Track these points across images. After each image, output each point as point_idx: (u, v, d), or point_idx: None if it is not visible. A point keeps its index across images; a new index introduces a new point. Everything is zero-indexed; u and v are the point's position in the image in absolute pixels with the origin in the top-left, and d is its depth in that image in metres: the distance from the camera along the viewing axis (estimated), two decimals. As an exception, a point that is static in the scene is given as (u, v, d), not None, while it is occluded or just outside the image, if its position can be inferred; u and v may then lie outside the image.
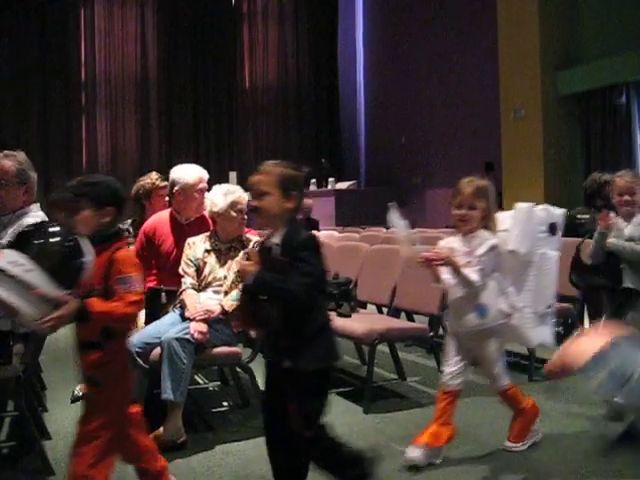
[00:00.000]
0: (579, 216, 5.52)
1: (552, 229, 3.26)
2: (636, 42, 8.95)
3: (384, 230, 9.04)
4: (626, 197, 3.72)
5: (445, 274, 3.11)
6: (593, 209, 5.52)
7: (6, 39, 12.72)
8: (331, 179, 12.75)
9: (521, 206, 3.23)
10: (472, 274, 3.00)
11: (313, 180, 12.97)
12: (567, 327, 5.49)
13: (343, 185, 12.65)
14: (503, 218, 3.23)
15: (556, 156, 9.92)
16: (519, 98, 10.41)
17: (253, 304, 2.48)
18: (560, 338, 5.46)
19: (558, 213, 3.35)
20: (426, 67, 13.30)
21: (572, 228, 5.44)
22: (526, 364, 4.75)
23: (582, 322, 5.10)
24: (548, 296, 3.26)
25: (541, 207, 3.32)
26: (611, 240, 3.63)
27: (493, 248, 3.05)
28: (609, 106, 9.92)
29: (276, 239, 2.49)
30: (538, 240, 3.20)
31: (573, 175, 9.80)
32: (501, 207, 10.70)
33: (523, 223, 3.18)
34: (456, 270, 3.02)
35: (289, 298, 2.37)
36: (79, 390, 4.27)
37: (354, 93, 15.92)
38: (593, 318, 5.21)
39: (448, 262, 3.04)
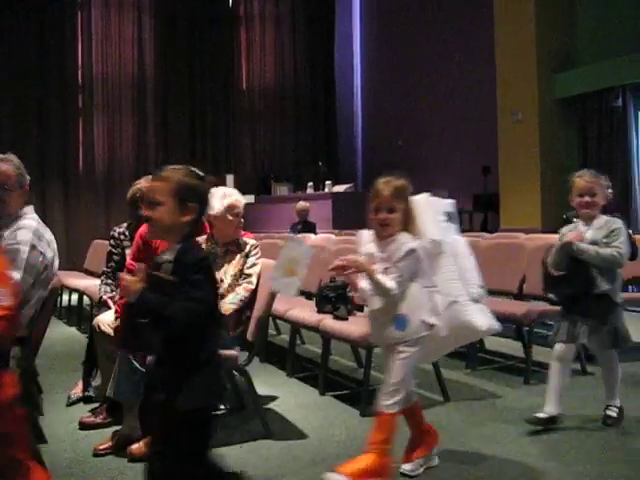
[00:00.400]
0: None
1: (450, 217, 3.09)
2: (632, 45, 9.00)
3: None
4: (586, 198, 3.57)
5: (363, 283, 2.91)
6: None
7: (4, 42, 12.70)
8: (328, 182, 12.75)
9: (419, 198, 3.04)
10: (388, 282, 2.79)
11: (310, 183, 12.97)
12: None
13: (340, 188, 12.65)
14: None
15: (553, 159, 9.95)
16: (516, 101, 10.45)
17: (134, 325, 2.23)
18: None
19: (448, 202, 3.15)
20: (423, 70, 13.32)
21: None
22: (522, 367, 4.76)
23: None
24: (474, 277, 3.07)
25: (432, 199, 3.14)
26: (580, 245, 3.49)
27: (412, 252, 2.84)
28: (605, 109, 9.96)
29: (168, 255, 2.25)
30: (442, 229, 3.05)
31: (570, 178, 9.80)
32: (497, 210, 10.77)
33: (429, 212, 3.01)
34: (371, 278, 2.82)
35: (167, 325, 2.13)
36: (74, 394, 4.28)
37: (351, 96, 15.93)
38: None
39: (361, 269, 2.85)
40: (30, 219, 3.28)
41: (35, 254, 3.16)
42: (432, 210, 3.03)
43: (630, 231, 5.47)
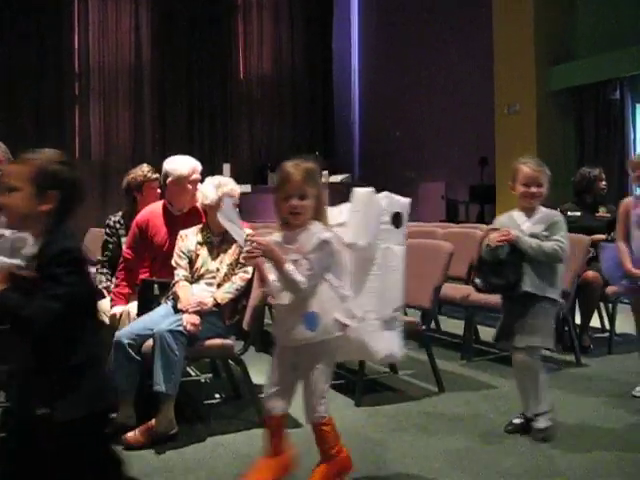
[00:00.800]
0: (570, 214, 5.47)
1: (396, 220, 2.82)
2: (630, 38, 8.98)
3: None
4: (533, 189, 3.32)
5: (272, 275, 2.60)
6: (582, 206, 5.51)
7: (0, 30, 12.61)
8: (325, 172, 12.73)
9: (359, 191, 2.76)
10: (297, 274, 2.50)
11: (307, 173, 12.93)
12: (558, 322, 5.52)
13: (337, 178, 12.62)
14: (339, 211, 2.79)
15: (549, 151, 9.93)
16: (513, 93, 10.43)
17: None
18: (556, 334, 5.53)
19: (403, 202, 2.90)
20: (421, 60, 13.29)
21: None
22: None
23: (573, 317, 5.13)
24: (395, 298, 2.83)
25: (383, 194, 2.86)
26: (523, 239, 3.25)
27: (325, 243, 2.55)
28: (603, 101, 9.96)
29: (31, 249, 2.00)
30: (380, 232, 2.76)
31: (566, 170, 9.82)
32: (494, 201, 10.77)
33: (363, 211, 2.72)
34: (279, 268, 2.52)
35: (26, 327, 1.92)
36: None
37: (348, 86, 15.89)
38: (584, 313, 5.24)
39: (269, 256, 2.53)
40: None
41: None
42: (372, 209, 2.74)
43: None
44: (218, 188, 3.69)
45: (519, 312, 3.29)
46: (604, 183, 5.58)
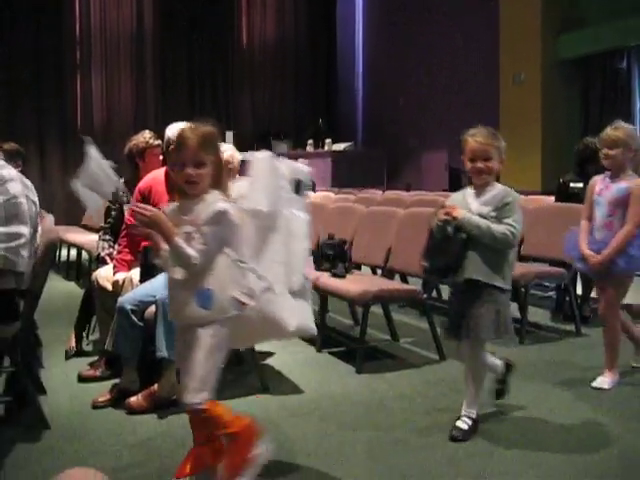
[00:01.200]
0: (572, 185, 5.42)
1: (298, 187, 2.62)
2: (638, 7, 8.85)
3: (380, 192, 9.03)
4: (479, 164, 2.97)
5: (165, 245, 2.36)
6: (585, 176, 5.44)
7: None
8: (328, 140, 12.68)
9: (259, 156, 2.56)
10: (188, 249, 2.29)
11: (310, 141, 12.89)
12: (560, 291, 5.54)
13: (340, 146, 12.58)
14: (241, 184, 2.60)
15: (554, 121, 9.88)
16: (519, 62, 10.33)
17: None
18: (555, 304, 5.54)
19: (304, 169, 2.71)
20: (426, 29, 13.13)
21: (565, 197, 5.41)
22: (517, 327, 4.79)
23: (575, 286, 5.14)
24: (302, 266, 2.60)
25: (283, 160, 2.67)
26: (469, 219, 2.92)
27: (221, 214, 2.33)
28: (610, 71, 9.86)
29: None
30: (282, 199, 2.53)
31: (571, 140, 9.77)
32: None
33: (263, 176, 2.51)
34: (167, 241, 2.31)
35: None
36: (72, 348, 4.31)
37: (352, 53, 15.73)
38: (585, 283, 5.25)
39: (155, 228, 2.33)
40: (8, 168, 3.12)
41: (29, 204, 3.09)
42: (272, 174, 2.53)
43: None
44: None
45: (464, 302, 3.00)
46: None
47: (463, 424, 3.04)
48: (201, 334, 2.34)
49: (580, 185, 5.38)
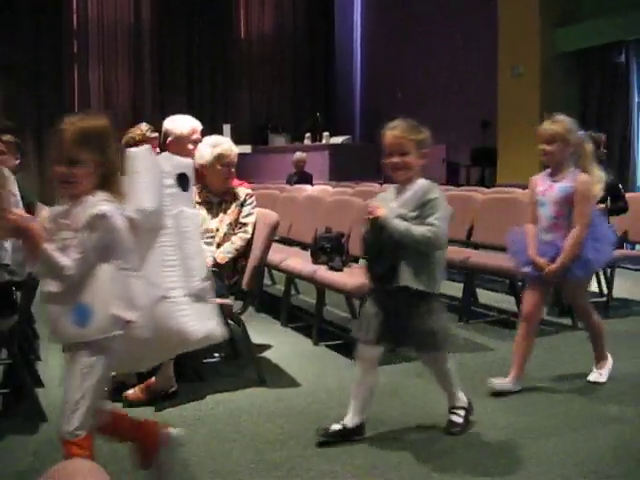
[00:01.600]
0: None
1: (182, 182, 2.36)
2: (636, 1, 8.83)
3: (378, 185, 9.02)
4: (395, 159, 2.78)
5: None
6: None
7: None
8: (325, 133, 12.67)
9: (135, 151, 2.32)
10: (61, 257, 2.01)
11: (308, 134, 12.88)
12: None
13: (337, 140, 12.57)
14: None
15: (552, 114, 9.86)
16: (517, 55, 10.31)
17: None
18: (553, 297, 5.55)
19: (187, 162, 2.47)
20: (425, 22, 13.11)
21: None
22: (514, 321, 4.80)
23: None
24: (199, 267, 2.34)
25: (163, 155, 2.49)
26: (389, 222, 2.71)
27: (100, 219, 2.04)
28: (608, 64, 9.84)
29: None
30: (166, 197, 2.28)
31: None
32: (495, 165, 10.73)
33: (143, 172, 2.23)
34: (36, 249, 2.00)
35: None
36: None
37: (350, 47, 15.70)
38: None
39: (20, 234, 2.03)
40: None
41: (7, 195, 3.06)
42: (153, 170, 2.27)
43: (620, 186, 5.47)
44: (214, 148, 3.66)
45: (399, 310, 2.78)
46: (605, 150, 5.53)
47: (457, 417, 3.02)
48: (77, 355, 2.07)
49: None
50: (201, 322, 2.27)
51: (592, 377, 3.66)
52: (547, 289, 3.60)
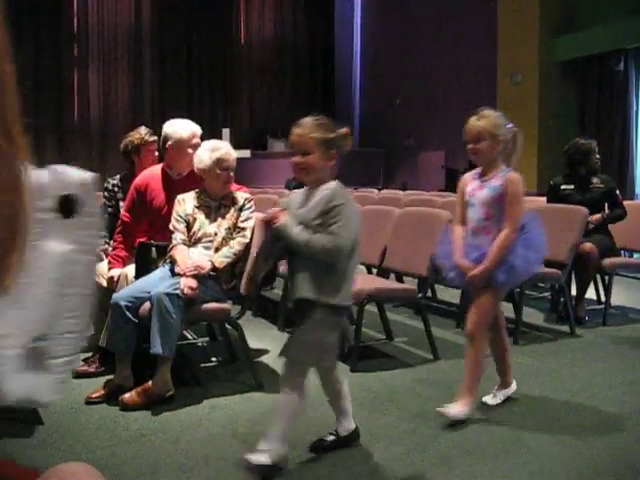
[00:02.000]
0: (563, 187, 5.43)
1: (67, 206, 1.23)
2: (635, 9, 8.88)
3: (376, 191, 9.04)
4: (296, 158, 2.61)
5: None
6: (577, 178, 5.44)
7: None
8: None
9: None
10: None
11: (307, 140, 12.89)
12: (555, 292, 5.56)
13: (337, 145, 12.60)
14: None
15: (551, 122, 9.89)
16: (516, 63, 10.34)
17: None
18: (551, 305, 5.55)
19: (77, 180, 1.29)
20: (423, 29, 13.15)
21: (556, 199, 5.41)
22: (512, 327, 4.80)
23: (569, 287, 5.15)
24: (37, 321, 0.95)
25: (49, 168, 1.58)
26: (284, 230, 2.53)
27: None
28: (607, 73, 9.87)
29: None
30: (35, 223, 1.22)
31: (567, 142, 9.77)
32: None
33: None
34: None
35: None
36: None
37: (350, 52, 15.74)
38: (580, 284, 5.27)
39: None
40: None
41: None
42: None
43: (618, 192, 5.48)
44: (213, 152, 3.66)
45: (298, 322, 2.61)
46: (598, 156, 5.54)
47: (263, 457, 2.56)
48: None
49: (571, 187, 5.39)
50: (20, 384, 1.61)
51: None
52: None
